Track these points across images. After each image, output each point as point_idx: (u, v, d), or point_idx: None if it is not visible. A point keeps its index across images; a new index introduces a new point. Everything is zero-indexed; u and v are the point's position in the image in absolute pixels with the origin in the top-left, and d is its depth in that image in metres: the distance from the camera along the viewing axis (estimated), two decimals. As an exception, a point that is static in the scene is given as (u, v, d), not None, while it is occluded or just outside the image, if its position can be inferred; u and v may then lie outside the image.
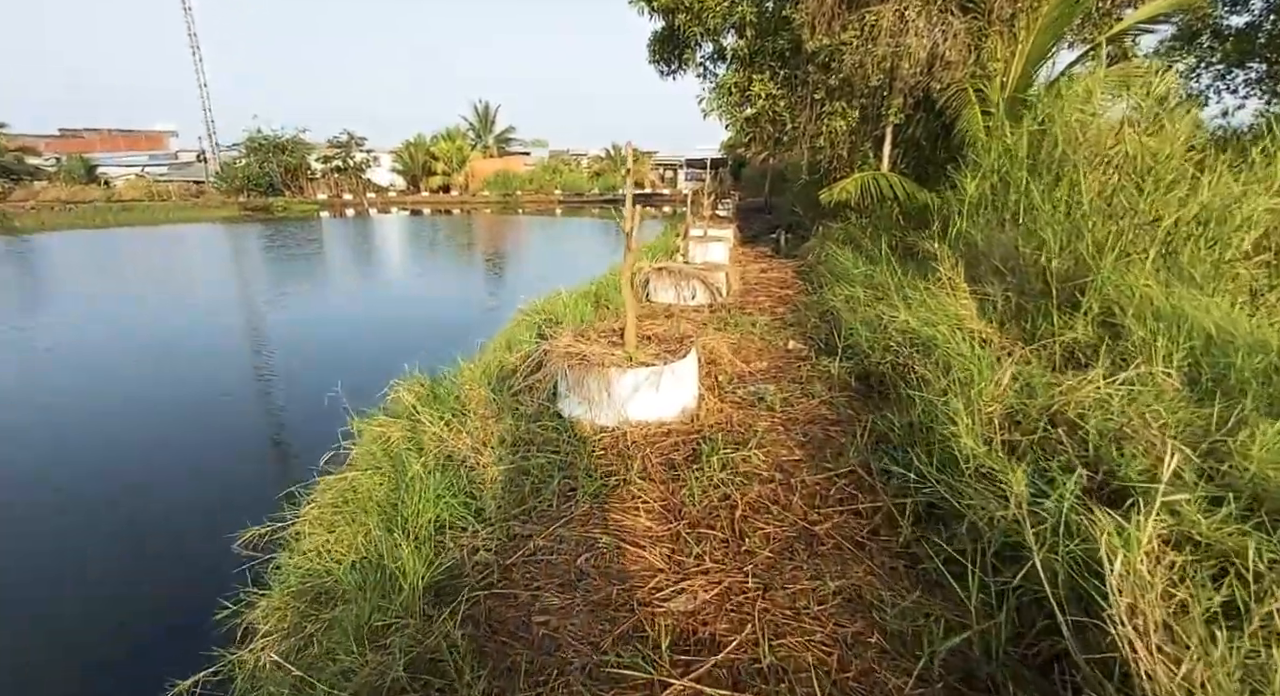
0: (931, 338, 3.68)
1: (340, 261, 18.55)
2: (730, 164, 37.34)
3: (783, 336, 5.46)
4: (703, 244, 9.74)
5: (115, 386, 6.76)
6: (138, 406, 6.12)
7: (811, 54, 9.26)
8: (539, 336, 4.36)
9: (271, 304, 11.91)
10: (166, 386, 6.71)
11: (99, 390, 6.61)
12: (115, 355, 8.13)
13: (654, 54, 11.67)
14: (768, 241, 13.98)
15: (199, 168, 50.62)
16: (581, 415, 3.45)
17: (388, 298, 13.00)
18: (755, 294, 7.63)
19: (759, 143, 10.69)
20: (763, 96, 9.84)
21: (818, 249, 9.84)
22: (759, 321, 5.95)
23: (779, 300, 7.24)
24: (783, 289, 8.03)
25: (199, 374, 7.18)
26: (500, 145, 56.15)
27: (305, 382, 6.61)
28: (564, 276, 8.94)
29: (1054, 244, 4.13)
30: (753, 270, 9.84)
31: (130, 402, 6.23)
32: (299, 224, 31.82)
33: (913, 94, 8.87)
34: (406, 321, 10.23)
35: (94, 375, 7.19)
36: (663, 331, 4.14)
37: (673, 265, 6.99)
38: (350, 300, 12.69)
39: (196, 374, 7.18)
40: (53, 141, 59.54)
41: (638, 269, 7.41)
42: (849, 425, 3.44)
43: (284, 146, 45.51)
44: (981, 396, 2.68)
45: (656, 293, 7.01)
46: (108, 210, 32.40)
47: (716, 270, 7.11)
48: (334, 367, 6.87)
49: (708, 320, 6.13)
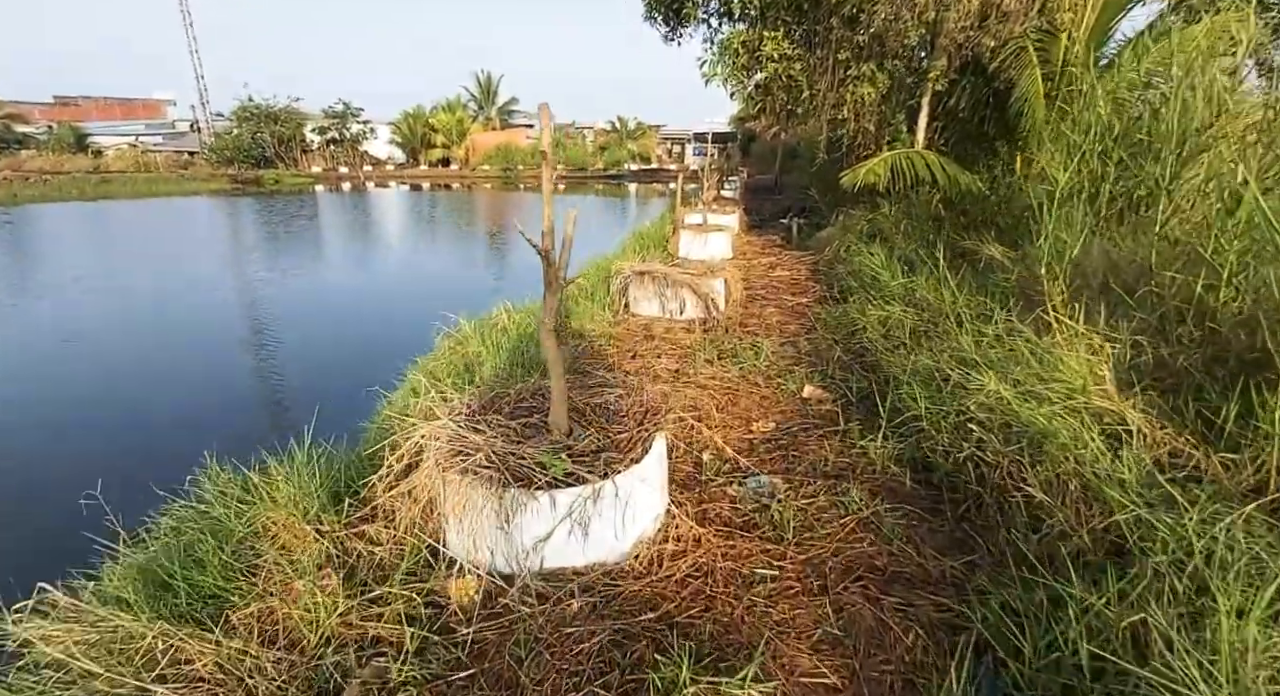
0: (1044, 430, 2.26)
1: (315, 249, 17.17)
2: (739, 138, 35.32)
3: (796, 376, 4.03)
4: (700, 235, 8.24)
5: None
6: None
7: (835, 5, 7.61)
8: (427, 404, 2.91)
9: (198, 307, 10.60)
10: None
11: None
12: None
13: (650, 7, 9.99)
14: (778, 228, 12.41)
15: (193, 138, 49.03)
16: (467, 556, 2.09)
17: (351, 293, 11.62)
18: (761, 302, 6.16)
19: (770, 114, 9.11)
20: (775, 58, 8.21)
21: (837, 242, 8.32)
22: (764, 348, 4.52)
23: (791, 313, 5.78)
24: (795, 295, 6.55)
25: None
26: (503, 118, 54.15)
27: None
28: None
29: (1223, 264, 2.65)
30: (759, 266, 8.35)
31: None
32: (289, 199, 30.32)
33: (959, 54, 7.24)
34: (347, 337, 8.90)
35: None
36: (616, 395, 2.73)
37: (657, 268, 5.54)
38: (302, 299, 11.31)
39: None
40: (47, 109, 58.00)
41: (617, 270, 5.97)
42: (915, 589, 2.05)
43: (276, 116, 43.78)
44: (1233, 640, 1.27)
45: (636, 303, 5.58)
46: (86, 182, 30.97)
47: (713, 274, 5.65)
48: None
49: (698, 345, 4.70)
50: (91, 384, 6.58)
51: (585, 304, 5.64)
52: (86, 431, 5.28)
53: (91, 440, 5.10)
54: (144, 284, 11.57)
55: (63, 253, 15.54)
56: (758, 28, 8.52)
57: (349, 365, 6.81)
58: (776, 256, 9.20)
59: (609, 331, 4.96)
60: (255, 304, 10.26)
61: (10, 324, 9.09)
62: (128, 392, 6.29)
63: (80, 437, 5.17)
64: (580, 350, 4.46)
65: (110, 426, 5.42)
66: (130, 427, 5.39)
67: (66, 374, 6.88)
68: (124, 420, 5.54)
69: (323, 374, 6.79)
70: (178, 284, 11.67)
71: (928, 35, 7.06)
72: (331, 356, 7.52)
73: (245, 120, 43.01)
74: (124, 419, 5.57)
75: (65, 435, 5.20)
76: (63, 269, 12.87)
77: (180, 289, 11.24)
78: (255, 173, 40.86)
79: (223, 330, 8.72)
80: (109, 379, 6.73)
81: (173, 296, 10.69)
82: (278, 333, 8.42)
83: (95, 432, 5.26)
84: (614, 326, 5.14)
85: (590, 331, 4.89)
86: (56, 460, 4.63)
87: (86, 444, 5.03)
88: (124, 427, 5.38)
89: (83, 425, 5.42)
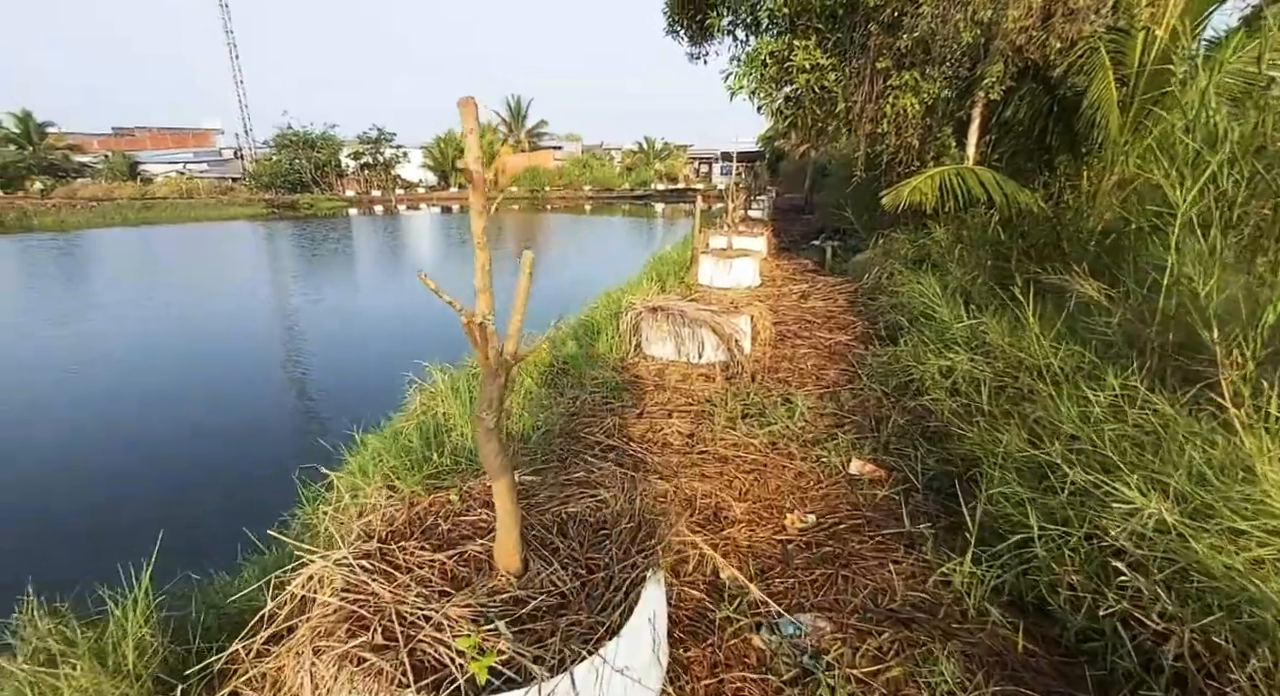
0: (1256, 597, 1.43)
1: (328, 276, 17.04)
2: (768, 157, 34.69)
3: (840, 444, 3.23)
4: (724, 261, 7.50)
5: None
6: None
7: (874, 9, 6.89)
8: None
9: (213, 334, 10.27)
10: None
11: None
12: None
13: (671, 19, 9.44)
14: (810, 251, 11.60)
15: (237, 164, 50.97)
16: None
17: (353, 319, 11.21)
18: (793, 340, 5.36)
19: (800, 129, 8.40)
20: (807, 68, 7.52)
21: (878, 267, 7.48)
22: (798, 404, 3.72)
23: (829, 355, 4.96)
24: (833, 331, 5.73)
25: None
26: (532, 140, 54.95)
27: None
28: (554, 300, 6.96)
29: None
30: (790, 295, 7.55)
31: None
32: (323, 222, 30.80)
33: (1018, 58, 6.42)
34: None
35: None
36: (601, 500, 1.99)
37: (672, 304, 4.81)
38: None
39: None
40: (105, 139, 61.34)
41: (628, 304, 5.26)
42: None
43: (313, 142, 45.10)
44: None
45: (649, 344, 4.84)
46: (130, 208, 32.03)
47: (737, 309, 4.89)
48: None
49: (718, 398, 3.94)
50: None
51: (590, 345, 4.94)
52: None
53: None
54: (152, 313, 11.38)
55: (96, 278, 15.72)
56: (787, 37, 7.86)
57: (313, 416, 6.22)
58: (809, 283, 8.39)
59: (614, 379, 4.23)
60: (249, 336, 9.90)
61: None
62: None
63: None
64: (575, 408, 3.74)
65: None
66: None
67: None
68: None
69: (269, 440, 5.82)
70: (183, 315, 11.45)
71: (981, 38, 6.29)
72: (296, 408, 6.79)
73: (284, 147, 44.39)
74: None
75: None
76: (90, 297, 12.90)
77: (185, 319, 11.00)
78: (292, 197, 41.93)
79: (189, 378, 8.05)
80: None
81: (177, 330, 10.43)
82: (256, 374, 7.95)
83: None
84: (620, 373, 4.42)
85: (591, 381, 4.17)
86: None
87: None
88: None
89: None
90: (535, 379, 4.03)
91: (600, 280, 9.00)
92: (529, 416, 3.48)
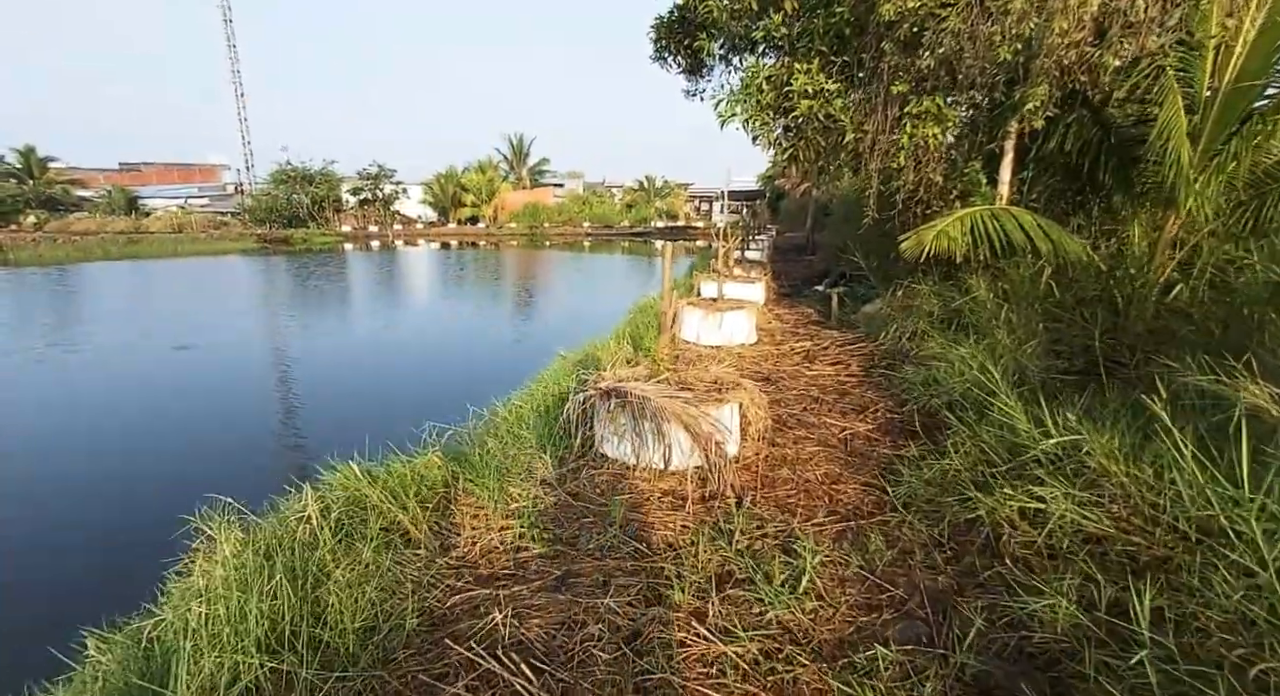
0: None
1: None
2: (768, 195, 34.13)
3: (882, 671, 1.91)
4: (713, 315, 6.29)
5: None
6: None
7: (888, 25, 5.87)
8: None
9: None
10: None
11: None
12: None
13: (658, 45, 8.52)
14: (813, 297, 10.41)
15: (239, 199, 50.85)
16: None
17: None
18: (797, 430, 4.06)
19: (802, 163, 7.32)
20: (809, 94, 6.47)
21: (896, 324, 6.25)
22: (805, 560, 2.41)
23: (846, 456, 3.64)
24: (847, 415, 4.43)
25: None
26: (534, 177, 55.10)
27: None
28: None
29: None
30: (792, 356, 6.29)
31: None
32: (315, 257, 29.96)
33: (1066, 79, 5.33)
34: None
35: None
36: None
37: (634, 385, 3.54)
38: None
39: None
40: (111, 175, 61.84)
41: (579, 381, 4.00)
42: None
43: (311, 178, 44.97)
44: None
45: (603, 441, 3.55)
46: (113, 242, 31.26)
47: (720, 394, 3.62)
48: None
49: (686, 542, 2.63)
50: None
51: (515, 441, 3.65)
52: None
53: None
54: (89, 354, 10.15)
55: (34, 314, 14.56)
56: (786, 59, 6.85)
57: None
58: (813, 338, 7.14)
59: (538, 504, 2.93)
60: (179, 392, 8.62)
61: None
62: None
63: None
64: (463, 563, 2.43)
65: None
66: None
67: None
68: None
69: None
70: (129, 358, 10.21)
71: (1020, 57, 5.25)
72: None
73: (282, 183, 44.24)
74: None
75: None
76: (23, 335, 11.70)
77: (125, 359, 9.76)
78: (285, 232, 41.40)
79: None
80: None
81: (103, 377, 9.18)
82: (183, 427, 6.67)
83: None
84: (552, 490, 3.11)
85: (504, 508, 2.86)
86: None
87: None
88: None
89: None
90: (414, 513, 2.72)
91: (566, 335, 7.75)
92: (378, 593, 2.17)
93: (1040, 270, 5.11)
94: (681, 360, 5.73)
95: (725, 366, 4.04)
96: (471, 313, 15.53)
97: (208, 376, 9.07)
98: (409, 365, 9.82)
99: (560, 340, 6.91)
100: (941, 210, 6.47)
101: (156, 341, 11.16)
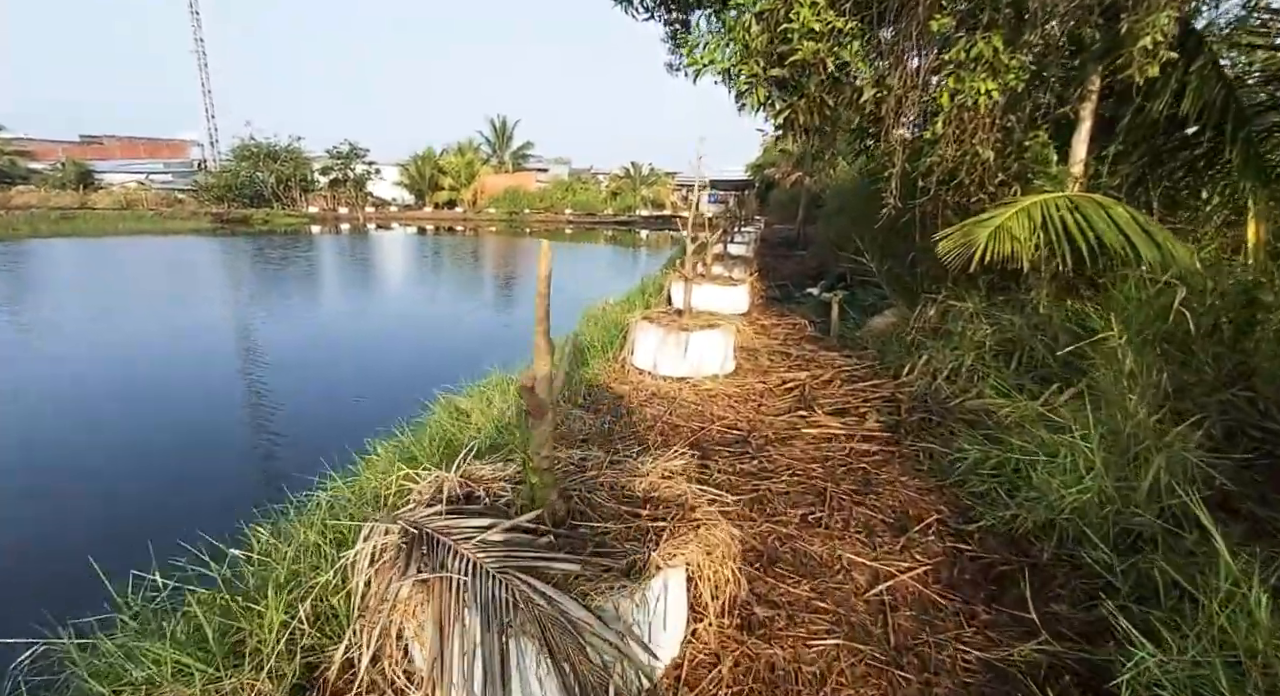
0: None
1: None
2: (757, 185, 32.31)
3: None
4: (678, 334, 4.52)
5: None
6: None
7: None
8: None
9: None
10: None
11: None
12: None
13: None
14: (805, 301, 8.66)
15: (202, 176, 47.88)
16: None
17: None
18: (790, 579, 2.31)
19: (798, 130, 5.49)
20: (815, 34, 4.66)
21: (929, 357, 4.52)
22: None
23: (894, 673, 1.93)
24: (873, 533, 2.69)
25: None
26: (516, 161, 52.79)
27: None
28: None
29: None
30: (781, 398, 4.54)
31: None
32: (271, 240, 27.57)
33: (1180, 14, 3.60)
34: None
35: None
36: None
37: (466, 528, 1.77)
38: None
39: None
40: (70, 147, 58.05)
41: (381, 495, 2.21)
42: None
43: (276, 155, 42.22)
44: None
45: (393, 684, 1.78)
46: (44, 218, 28.57)
47: (654, 544, 1.84)
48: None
49: None
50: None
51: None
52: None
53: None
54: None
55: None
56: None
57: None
58: (810, 365, 5.39)
59: None
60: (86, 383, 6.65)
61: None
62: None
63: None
64: None
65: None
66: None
67: None
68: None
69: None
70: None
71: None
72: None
73: (244, 159, 41.53)
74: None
75: None
76: None
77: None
78: (245, 212, 38.75)
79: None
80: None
81: None
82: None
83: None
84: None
85: None
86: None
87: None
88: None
89: None
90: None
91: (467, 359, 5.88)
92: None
93: (1163, 290, 3.38)
94: (612, 417, 3.92)
95: (677, 459, 2.24)
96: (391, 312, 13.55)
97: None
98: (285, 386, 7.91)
99: (474, 360, 5.09)
100: (990, 198, 4.73)
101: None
